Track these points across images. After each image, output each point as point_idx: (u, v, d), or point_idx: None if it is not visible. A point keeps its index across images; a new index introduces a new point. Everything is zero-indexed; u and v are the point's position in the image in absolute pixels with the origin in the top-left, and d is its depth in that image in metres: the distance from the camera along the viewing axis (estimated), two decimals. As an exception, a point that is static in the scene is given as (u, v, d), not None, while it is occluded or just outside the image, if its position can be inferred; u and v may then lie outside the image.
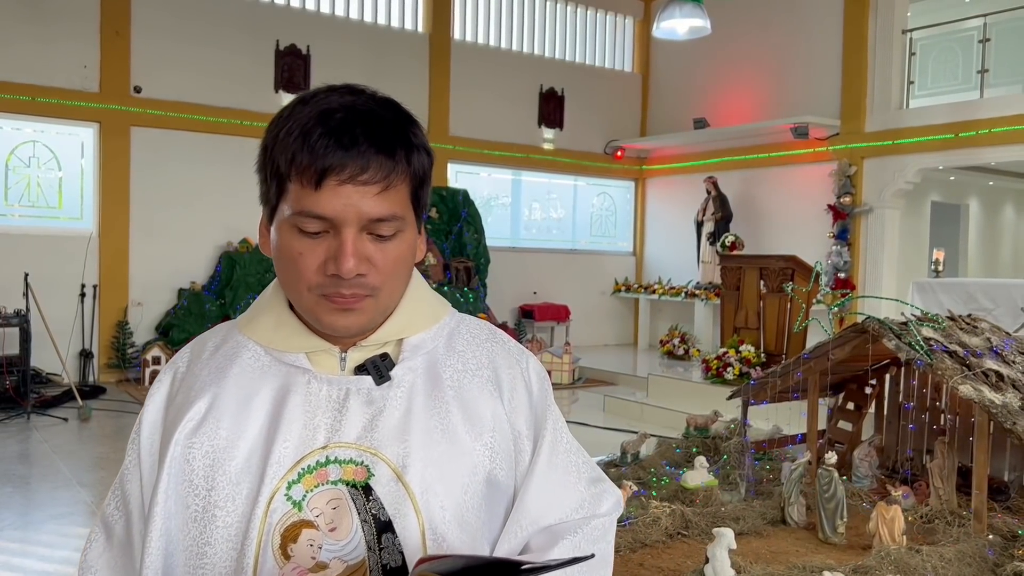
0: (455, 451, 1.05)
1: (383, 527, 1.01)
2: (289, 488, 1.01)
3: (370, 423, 1.04)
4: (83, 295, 9.07)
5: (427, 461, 1.03)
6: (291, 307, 1.09)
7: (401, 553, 1.01)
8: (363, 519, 1.01)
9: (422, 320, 1.12)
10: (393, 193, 0.99)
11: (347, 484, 1.02)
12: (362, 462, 1.02)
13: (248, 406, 1.05)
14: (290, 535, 1.00)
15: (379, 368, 1.06)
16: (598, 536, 1.13)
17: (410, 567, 1.00)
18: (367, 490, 1.02)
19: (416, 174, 1.02)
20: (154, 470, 1.06)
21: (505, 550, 1.08)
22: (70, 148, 9.31)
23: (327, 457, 1.02)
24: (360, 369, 1.06)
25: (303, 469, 1.01)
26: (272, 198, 1.03)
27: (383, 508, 1.01)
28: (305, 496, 1.01)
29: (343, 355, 1.07)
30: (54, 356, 7.94)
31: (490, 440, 1.08)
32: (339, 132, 0.97)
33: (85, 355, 9.04)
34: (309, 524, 1.01)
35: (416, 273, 1.13)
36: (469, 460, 1.06)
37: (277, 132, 1.01)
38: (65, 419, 7.09)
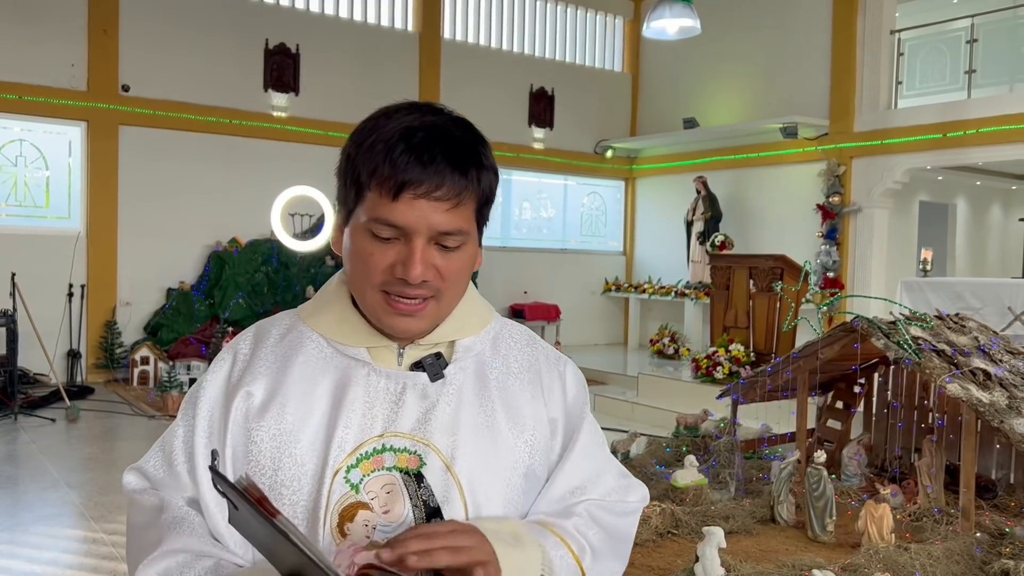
0: (499, 447, 1.14)
1: (432, 512, 1.09)
2: (348, 472, 1.09)
3: (424, 416, 1.12)
4: (71, 295, 9.02)
5: (474, 454, 1.12)
6: (353, 303, 1.18)
7: None
8: (414, 504, 1.09)
9: (473, 324, 1.21)
10: (462, 210, 1.08)
11: (400, 471, 1.10)
12: (415, 451, 1.11)
13: (312, 393, 1.13)
14: (347, 515, 1.08)
15: (434, 367, 1.15)
16: (620, 511, 1.24)
17: None
18: (419, 477, 1.10)
19: (483, 193, 1.11)
20: (211, 445, 1.12)
21: (533, 511, 1.17)
22: (58, 147, 9.25)
23: (383, 445, 1.11)
24: (415, 366, 1.15)
25: (361, 455, 1.10)
26: (350, 203, 1.11)
27: (432, 495, 1.10)
28: (362, 480, 1.09)
29: (401, 351, 1.15)
30: (41, 356, 7.89)
31: (530, 438, 1.17)
32: (420, 150, 1.05)
33: (73, 355, 8.99)
34: (365, 506, 1.09)
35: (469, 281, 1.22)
36: (511, 456, 1.15)
37: (360, 142, 1.09)
38: (53, 420, 7.05)
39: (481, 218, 1.14)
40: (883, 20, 10.17)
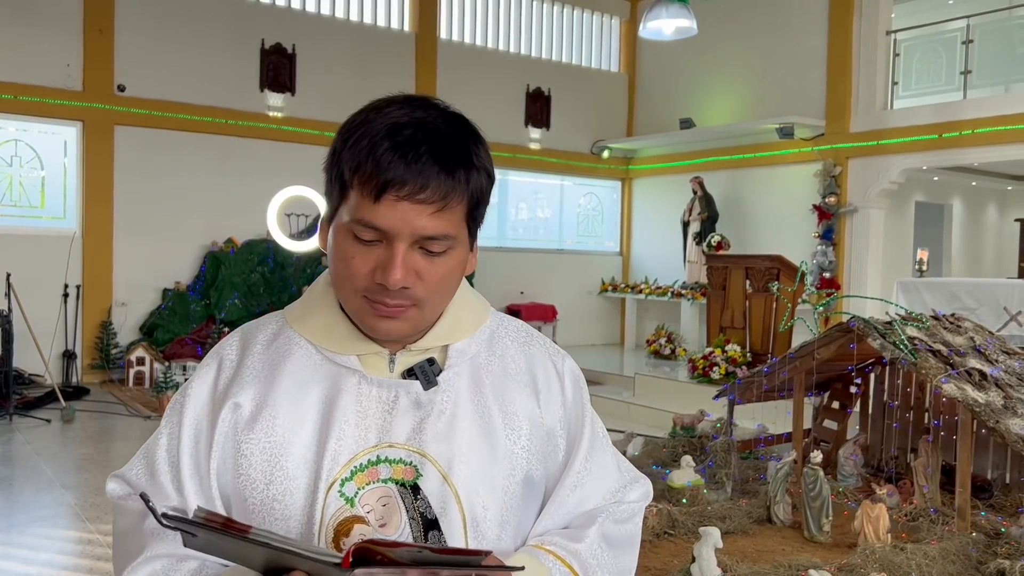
0: (496, 454, 1.11)
1: (429, 524, 1.06)
2: (342, 485, 1.05)
3: (419, 425, 1.09)
4: (66, 295, 9.00)
5: (471, 463, 1.09)
6: (341, 307, 1.13)
7: None
8: (411, 516, 1.06)
9: (466, 326, 1.17)
10: (448, 213, 1.02)
11: (396, 483, 1.07)
12: (411, 462, 1.07)
13: (302, 404, 1.09)
14: (343, 529, 1.05)
15: (427, 373, 1.11)
16: (625, 517, 1.22)
17: None
18: (415, 489, 1.07)
19: (474, 195, 1.05)
20: (196, 455, 1.09)
21: (543, 527, 1.15)
22: (53, 147, 9.23)
23: (378, 456, 1.07)
24: (408, 373, 1.11)
25: (356, 467, 1.06)
26: (334, 200, 1.06)
27: (430, 507, 1.06)
28: (357, 493, 1.06)
29: (392, 358, 1.11)
30: (37, 357, 7.87)
31: (527, 443, 1.14)
32: (405, 147, 0.99)
33: (68, 356, 8.97)
34: (360, 520, 1.05)
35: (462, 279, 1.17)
36: (508, 463, 1.11)
37: (347, 138, 1.04)
38: (48, 420, 7.03)
39: (473, 221, 1.08)
40: (879, 21, 10.19)
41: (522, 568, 0.94)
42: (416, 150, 0.99)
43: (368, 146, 1.00)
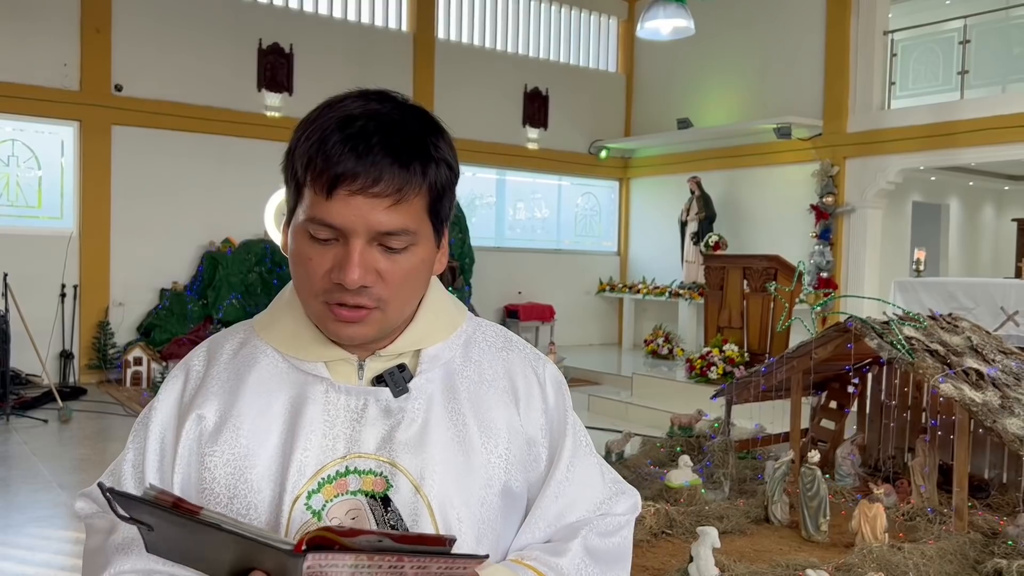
0: (472, 464, 1.06)
1: None
2: (309, 498, 1.01)
3: (389, 434, 1.04)
4: (63, 295, 8.98)
5: (445, 473, 1.04)
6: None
7: None
8: (381, 530, 1.01)
9: (439, 330, 1.11)
10: (406, 207, 0.98)
11: (366, 495, 1.02)
12: (381, 473, 1.03)
13: (267, 414, 1.05)
14: None
15: (397, 380, 1.06)
16: (611, 530, 1.16)
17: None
18: (386, 501, 1.02)
19: (433, 188, 1.00)
20: (162, 470, 1.06)
21: (523, 541, 1.10)
22: (50, 147, 9.22)
23: (347, 467, 1.03)
24: (378, 380, 1.06)
25: (323, 479, 1.02)
26: (291, 200, 1.03)
27: (401, 519, 1.02)
28: (325, 506, 1.01)
29: (361, 364, 1.07)
30: (34, 357, 7.86)
31: (505, 452, 1.08)
32: (356, 139, 0.96)
33: (65, 356, 8.95)
34: None
35: (434, 280, 1.13)
36: (485, 473, 1.06)
37: (300, 135, 1.01)
38: (45, 421, 7.02)
39: (436, 216, 1.03)
40: (876, 21, 10.20)
41: (486, 556, 0.91)
42: (367, 141, 0.95)
43: (319, 140, 0.97)
